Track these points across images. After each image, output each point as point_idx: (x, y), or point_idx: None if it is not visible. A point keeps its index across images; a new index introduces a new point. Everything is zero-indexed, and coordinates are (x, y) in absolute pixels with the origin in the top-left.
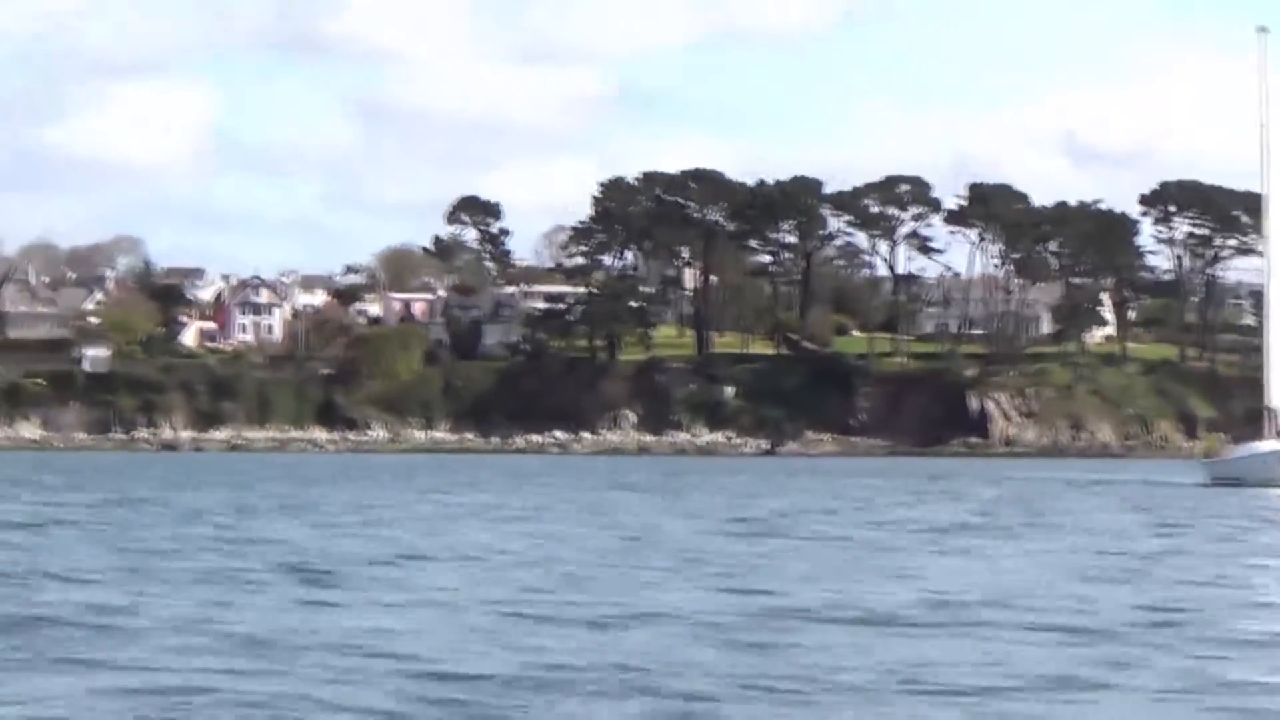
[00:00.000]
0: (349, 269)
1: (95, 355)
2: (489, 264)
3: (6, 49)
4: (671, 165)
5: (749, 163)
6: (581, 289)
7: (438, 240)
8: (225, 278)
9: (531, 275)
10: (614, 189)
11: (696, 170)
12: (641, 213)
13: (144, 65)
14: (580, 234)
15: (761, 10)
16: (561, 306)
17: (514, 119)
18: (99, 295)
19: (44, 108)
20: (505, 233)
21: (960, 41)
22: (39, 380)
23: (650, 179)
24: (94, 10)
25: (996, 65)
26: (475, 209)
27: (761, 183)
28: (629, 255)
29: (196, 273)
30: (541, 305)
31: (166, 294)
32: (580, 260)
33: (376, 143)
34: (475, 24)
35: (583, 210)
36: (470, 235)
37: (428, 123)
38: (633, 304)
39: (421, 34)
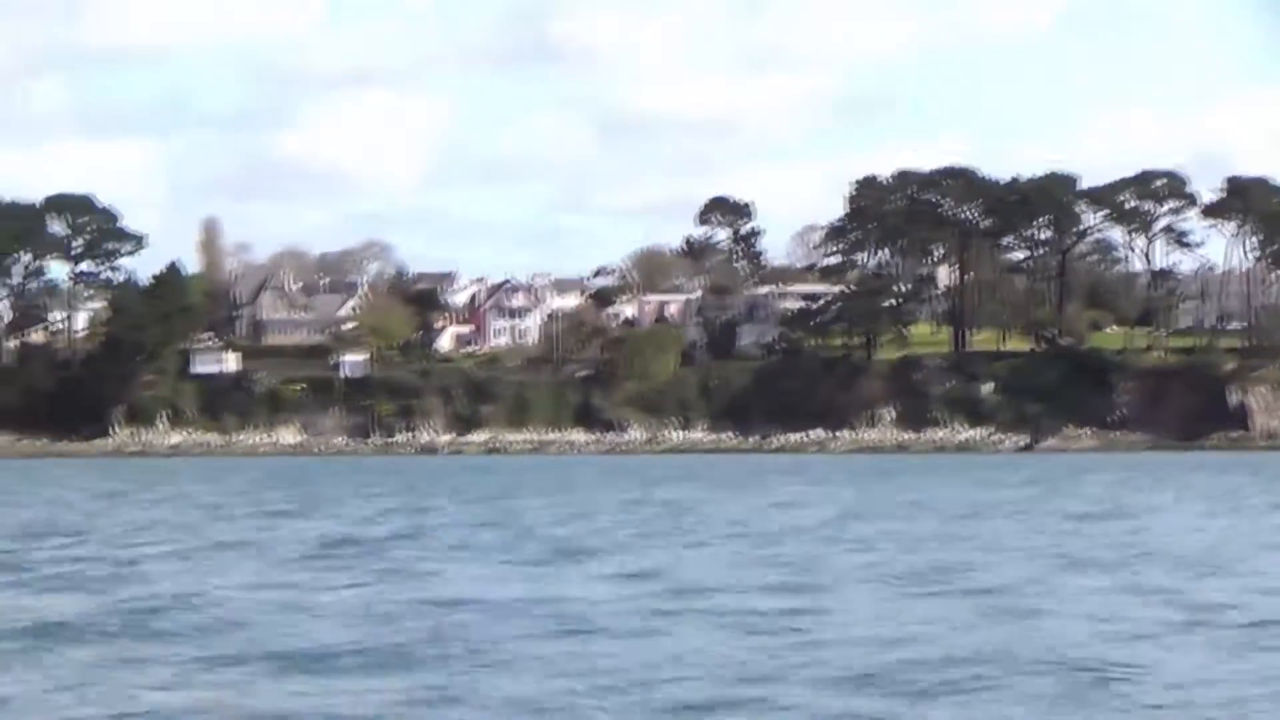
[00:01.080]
0: (599, 271)
1: (353, 361)
2: (739, 264)
3: (245, 60)
4: (901, 166)
5: (984, 159)
6: (836, 288)
7: (689, 241)
8: (478, 282)
9: (783, 275)
10: (867, 187)
11: (949, 168)
12: (895, 211)
13: (377, 76)
14: (834, 233)
15: (982, 13)
16: (817, 306)
17: (745, 122)
18: (353, 301)
19: (281, 118)
20: (757, 233)
21: (1188, 36)
22: (298, 386)
23: (903, 177)
24: (328, 23)
25: (1235, 58)
26: (726, 209)
27: (1015, 179)
28: (883, 254)
29: (448, 277)
30: (796, 305)
31: (421, 299)
32: (834, 259)
33: (607, 148)
34: (703, 29)
35: (826, 211)
36: (721, 236)
37: (658, 127)
38: (888, 302)
39: (649, 40)
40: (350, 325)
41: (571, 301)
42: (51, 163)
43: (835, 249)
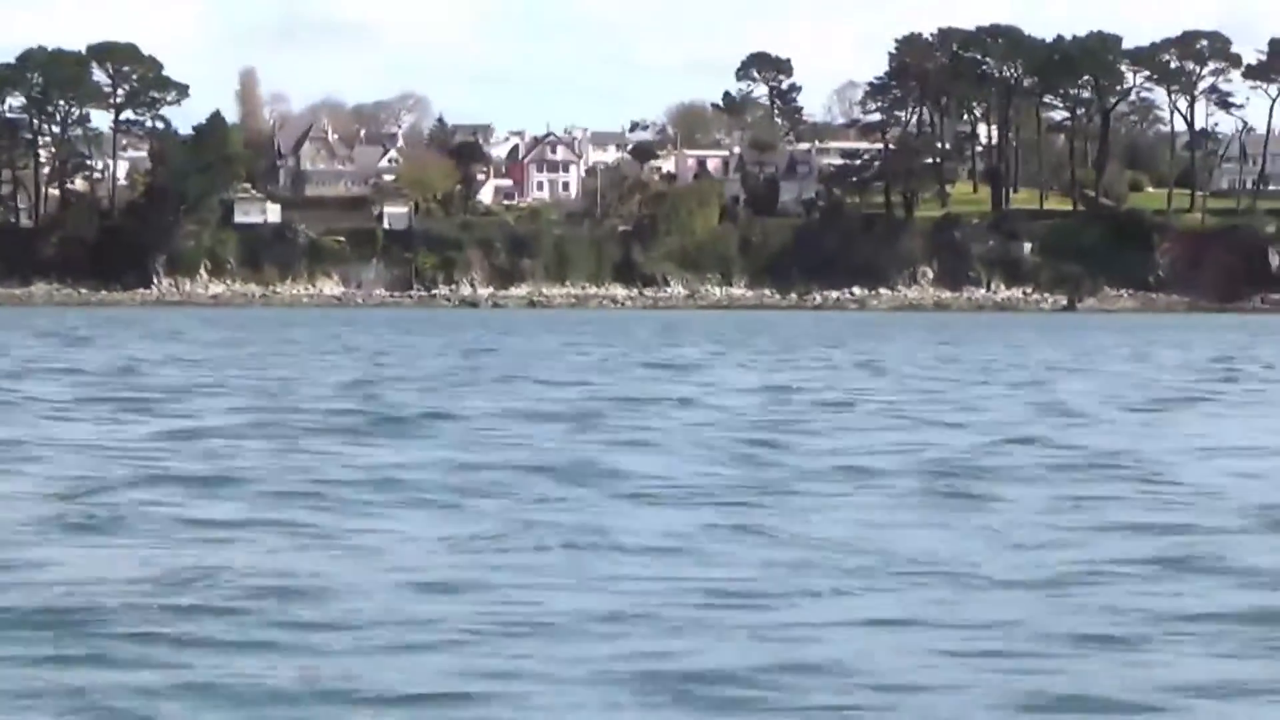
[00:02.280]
0: (636, 125)
1: (394, 213)
2: (779, 120)
3: None
4: (944, 24)
5: (1025, 17)
6: (877, 145)
7: (727, 96)
8: (516, 135)
9: (824, 132)
10: (910, 45)
11: (994, 26)
12: (938, 69)
13: None
14: (876, 90)
15: None
16: (857, 163)
17: None
18: (392, 153)
19: None
20: (796, 89)
21: None
22: (340, 238)
23: (946, 35)
24: None
25: None
26: (766, 65)
27: (1060, 38)
28: (924, 111)
29: (486, 130)
30: (837, 162)
31: (462, 152)
32: (876, 116)
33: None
34: None
35: (864, 67)
36: (760, 91)
37: None
38: (929, 160)
39: None
40: (390, 177)
41: (610, 156)
42: (78, 8)
43: (876, 106)
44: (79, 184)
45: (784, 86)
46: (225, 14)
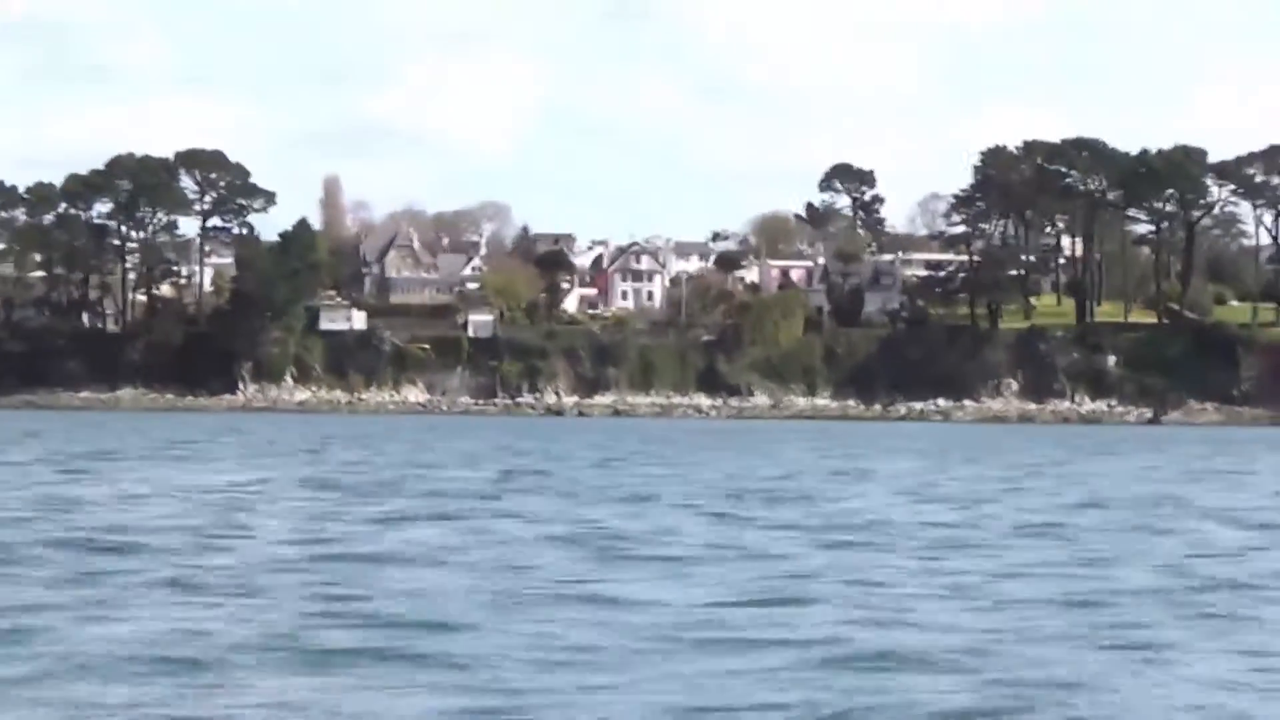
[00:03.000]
0: (717, 235)
1: (479, 320)
2: (861, 231)
3: (343, 15)
4: (1016, 136)
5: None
6: (961, 257)
7: (810, 207)
8: (600, 243)
9: (906, 243)
10: (995, 157)
11: (1078, 139)
12: (1022, 181)
13: (476, 34)
14: (960, 202)
15: None
16: (942, 274)
17: (853, 87)
18: (476, 261)
19: (380, 76)
20: (879, 200)
21: None
22: (425, 345)
23: (1031, 147)
24: None
25: None
26: (849, 176)
27: (1144, 151)
28: (1007, 223)
29: (568, 238)
30: (921, 273)
31: (547, 260)
32: (960, 228)
33: (713, 111)
34: None
35: (936, 177)
36: (843, 202)
37: (764, 91)
38: (1013, 272)
39: (754, 5)
40: (474, 285)
41: (692, 265)
42: (152, 115)
43: (961, 218)
44: (165, 289)
45: (866, 197)
46: (305, 121)
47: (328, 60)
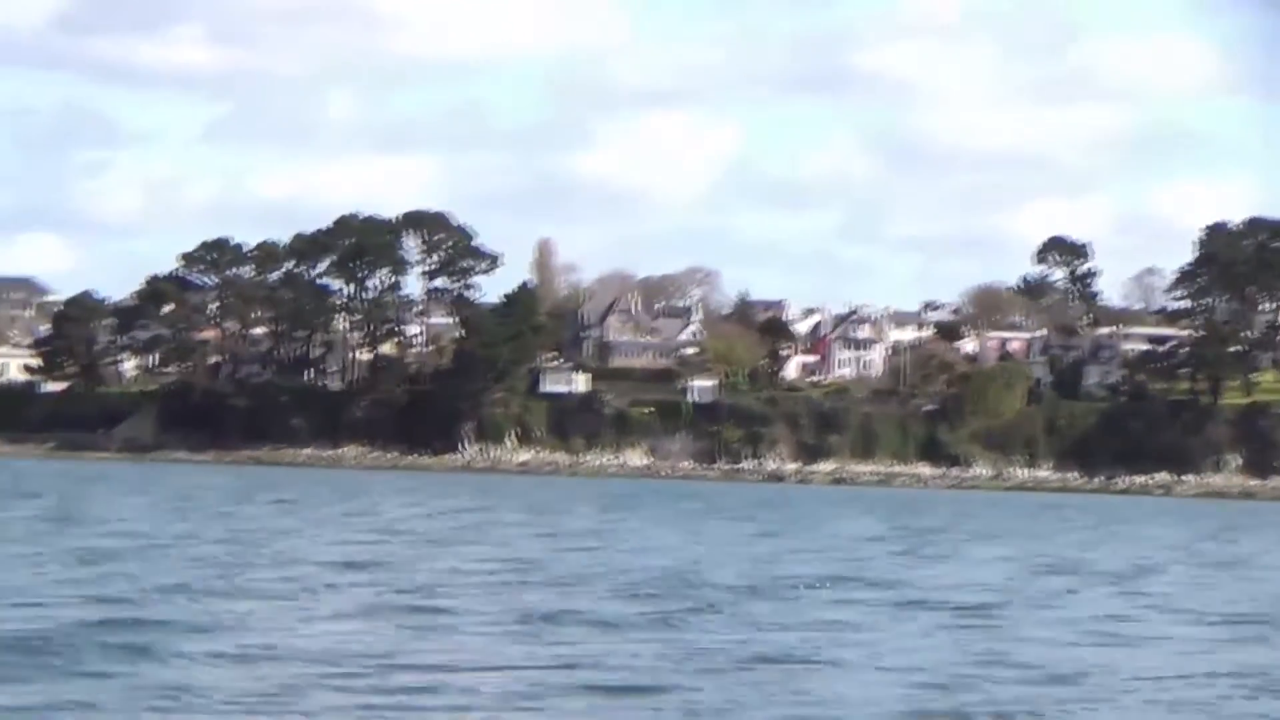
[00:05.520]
0: (929, 305)
1: (701, 386)
2: (1074, 303)
3: (539, 76)
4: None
5: None
6: (1183, 332)
7: (1025, 280)
8: (814, 310)
9: (1120, 316)
10: (1217, 233)
11: None
12: (1245, 258)
13: (671, 96)
14: (1183, 278)
15: None
16: (1163, 349)
17: (1043, 155)
18: (693, 326)
19: (576, 136)
20: (1094, 273)
21: None
22: (647, 409)
23: (1254, 224)
24: (630, 43)
25: None
26: (1064, 249)
27: None
28: (1230, 299)
29: (778, 305)
30: (1140, 347)
31: (768, 327)
32: (1182, 303)
33: (899, 177)
34: (1002, 62)
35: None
36: (1058, 275)
37: (951, 158)
38: (1235, 348)
39: (948, 71)
40: (691, 349)
41: (907, 334)
42: (342, 176)
43: (1183, 293)
44: (388, 348)
45: (1080, 271)
46: (513, 182)
47: (520, 119)
